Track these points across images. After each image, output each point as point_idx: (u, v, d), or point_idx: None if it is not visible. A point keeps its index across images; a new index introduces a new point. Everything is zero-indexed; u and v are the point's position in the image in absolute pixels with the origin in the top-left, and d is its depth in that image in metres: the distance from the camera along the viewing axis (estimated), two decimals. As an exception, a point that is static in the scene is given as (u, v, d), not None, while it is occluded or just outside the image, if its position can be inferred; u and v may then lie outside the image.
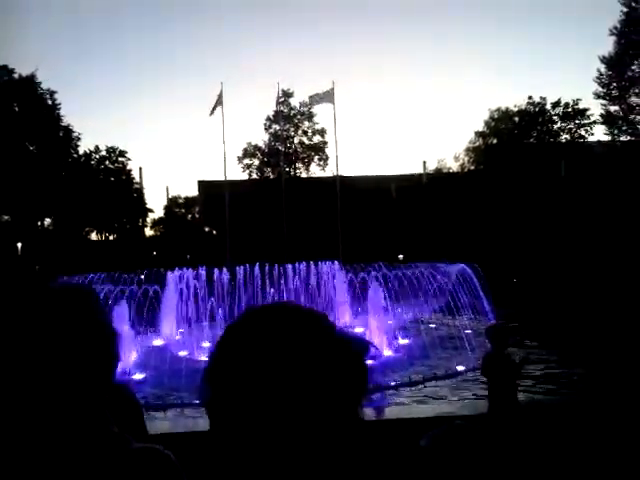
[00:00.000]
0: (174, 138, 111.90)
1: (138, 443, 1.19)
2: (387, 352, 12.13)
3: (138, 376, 10.71)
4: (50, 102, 45.01)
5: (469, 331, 14.19)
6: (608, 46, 42.90)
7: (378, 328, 12.62)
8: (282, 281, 17.64)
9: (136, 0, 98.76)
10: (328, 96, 36.83)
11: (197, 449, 3.24)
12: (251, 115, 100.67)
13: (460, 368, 10.66)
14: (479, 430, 2.10)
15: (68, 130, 46.07)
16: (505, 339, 6.43)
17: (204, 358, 10.31)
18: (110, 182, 47.70)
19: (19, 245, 37.88)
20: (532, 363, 10.05)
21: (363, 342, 0.93)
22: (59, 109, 45.56)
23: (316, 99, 36.96)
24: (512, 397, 6.15)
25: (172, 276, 16.52)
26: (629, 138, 43.14)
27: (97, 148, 48.83)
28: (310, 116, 51.34)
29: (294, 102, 51.25)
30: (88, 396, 1.19)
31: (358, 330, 15.58)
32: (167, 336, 15.44)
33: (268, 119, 51.03)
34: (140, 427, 1.97)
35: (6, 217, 43.37)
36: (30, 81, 43.99)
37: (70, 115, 59.25)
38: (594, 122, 45.84)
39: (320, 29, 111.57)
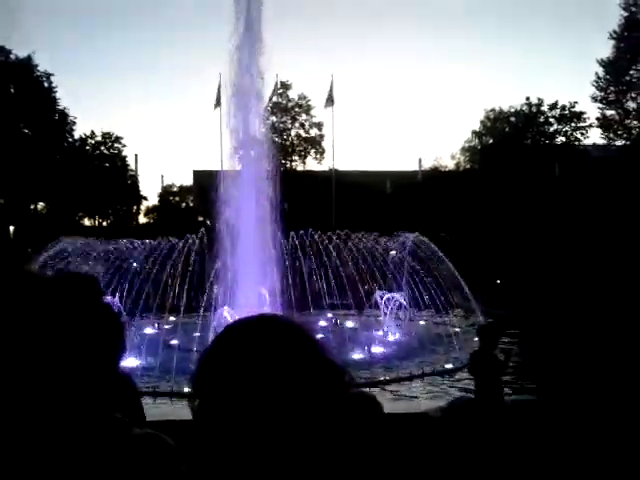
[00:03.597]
0: (170, 126, 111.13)
1: (139, 429, 1.27)
2: (376, 349, 12.24)
3: (133, 362, 10.80)
4: (46, 85, 44.61)
5: (457, 329, 14.32)
6: (607, 50, 43.04)
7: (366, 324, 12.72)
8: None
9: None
10: (330, 92, 37.32)
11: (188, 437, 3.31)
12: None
13: (448, 366, 10.79)
14: (479, 405, 2.27)
15: (64, 114, 45.62)
16: (496, 339, 6.57)
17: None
18: (105, 168, 47.31)
19: (11, 228, 37.69)
20: (514, 361, 10.22)
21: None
22: (55, 92, 45.17)
23: (328, 102, 37.95)
24: (498, 394, 6.30)
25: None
26: (624, 142, 43.33)
27: (93, 133, 48.40)
28: (308, 109, 51.16)
29: (292, 94, 51.11)
30: (95, 384, 1.26)
31: (349, 325, 15.71)
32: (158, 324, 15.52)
33: (265, 110, 50.71)
34: (139, 415, 2.05)
35: (-1, 200, 43.07)
36: (27, 63, 43.57)
37: (66, 99, 59.06)
38: (590, 125, 45.99)
39: (319, 22, 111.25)
